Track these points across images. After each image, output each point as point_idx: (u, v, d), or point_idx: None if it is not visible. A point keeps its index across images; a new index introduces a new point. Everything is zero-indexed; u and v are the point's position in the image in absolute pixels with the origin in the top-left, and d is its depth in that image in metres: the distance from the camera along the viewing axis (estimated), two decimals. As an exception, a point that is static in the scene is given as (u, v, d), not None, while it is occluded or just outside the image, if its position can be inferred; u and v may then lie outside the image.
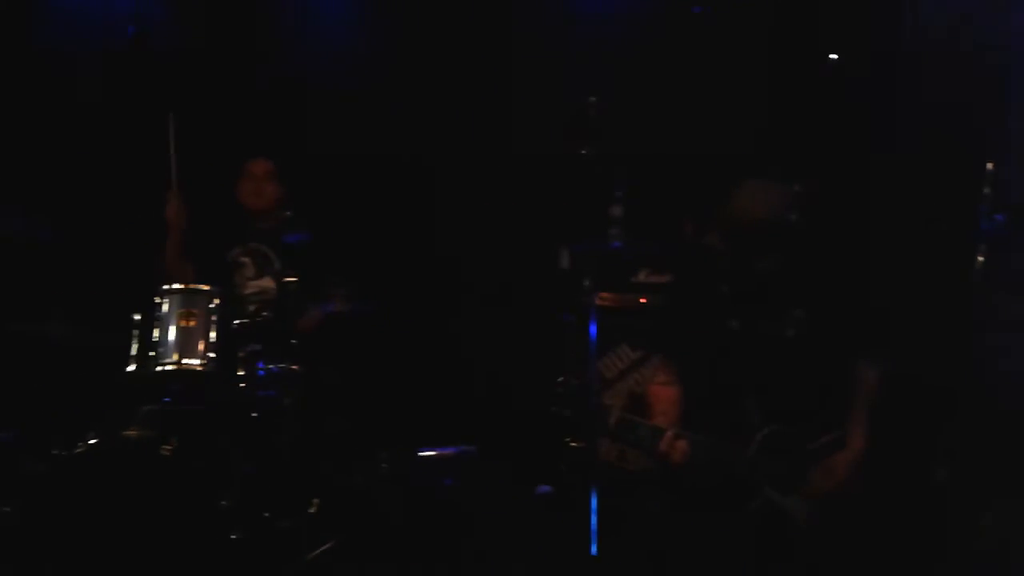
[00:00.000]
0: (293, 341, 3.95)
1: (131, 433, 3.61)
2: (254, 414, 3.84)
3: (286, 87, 5.11)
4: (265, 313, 3.93)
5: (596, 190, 3.40)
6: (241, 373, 3.82)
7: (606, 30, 4.87)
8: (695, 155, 4.32)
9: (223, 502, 3.53)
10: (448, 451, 4.40)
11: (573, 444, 2.79)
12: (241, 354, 3.83)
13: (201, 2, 5.24)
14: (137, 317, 3.80)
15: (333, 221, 4.44)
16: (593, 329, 2.57)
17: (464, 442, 4.44)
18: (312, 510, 3.79)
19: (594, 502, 2.32)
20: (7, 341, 4.01)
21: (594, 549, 2.30)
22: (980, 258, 3.68)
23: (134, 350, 3.77)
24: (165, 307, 3.78)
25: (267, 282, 4.40)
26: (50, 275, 4.60)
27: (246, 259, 4.47)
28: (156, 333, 3.76)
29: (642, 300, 3.94)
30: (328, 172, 4.92)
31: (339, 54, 5.20)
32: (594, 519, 2.31)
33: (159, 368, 3.74)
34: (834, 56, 4.45)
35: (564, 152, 2.71)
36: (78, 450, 3.54)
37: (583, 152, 2.45)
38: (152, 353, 3.74)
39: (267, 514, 3.66)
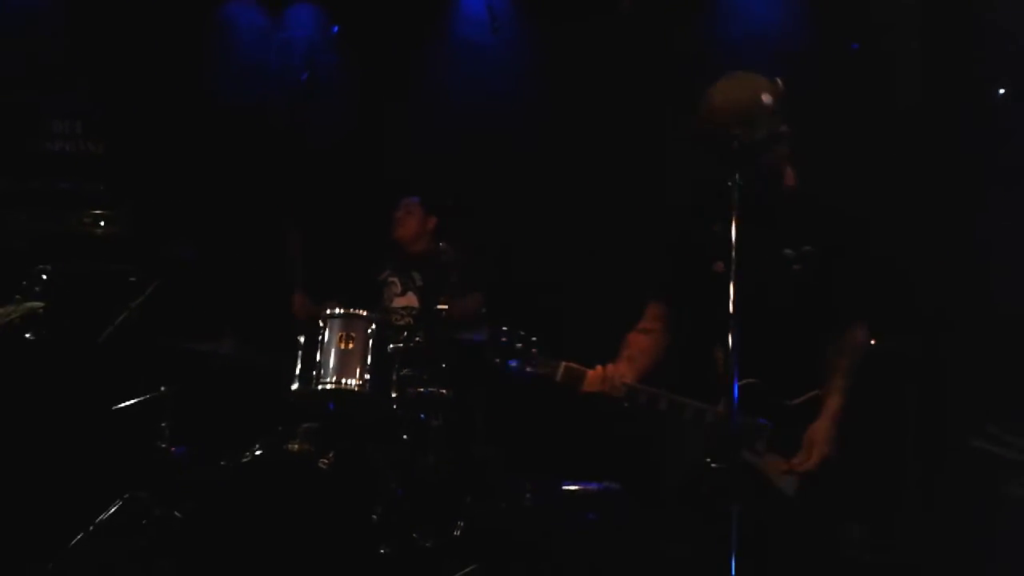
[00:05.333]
0: (443, 366, 4.12)
1: (293, 447, 3.84)
2: (404, 436, 4.03)
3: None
4: (418, 339, 4.11)
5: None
6: (394, 395, 4.02)
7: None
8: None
9: (373, 516, 3.71)
10: (592, 486, 4.43)
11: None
12: (395, 377, 4.03)
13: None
14: (301, 339, 4.06)
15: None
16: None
17: (609, 478, 4.47)
18: (457, 533, 3.92)
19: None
20: (183, 359, 4.33)
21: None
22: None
23: (298, 370, 4.04)
24: (327, 331, 4.03)
25: (410, 299, 4.72)
26: (224, 299, 4.96)
27: (394, 279, 4.80)
28: (318, 355, 4.00)
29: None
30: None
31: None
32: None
33: (320, 387, 3.98)
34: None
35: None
36: (244, 461, 3.79)
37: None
38: (314, 373, 3.99)
39: (414, 534, 3.82)
